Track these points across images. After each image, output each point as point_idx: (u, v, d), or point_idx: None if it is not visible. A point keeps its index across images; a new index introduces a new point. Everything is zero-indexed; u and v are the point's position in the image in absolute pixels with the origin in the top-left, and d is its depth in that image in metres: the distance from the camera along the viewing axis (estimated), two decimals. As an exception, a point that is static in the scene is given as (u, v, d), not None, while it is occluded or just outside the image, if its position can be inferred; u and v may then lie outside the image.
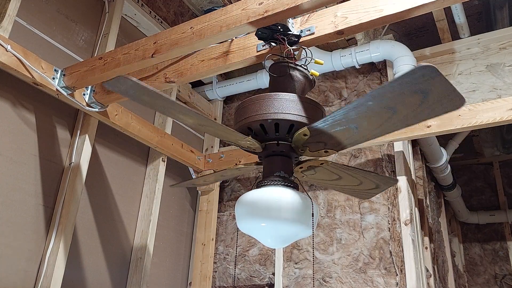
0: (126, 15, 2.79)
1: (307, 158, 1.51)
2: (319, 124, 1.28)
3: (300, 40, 1.65)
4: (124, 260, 2.54)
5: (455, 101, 1.07)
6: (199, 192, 3.20)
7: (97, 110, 2.26)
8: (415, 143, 3.14)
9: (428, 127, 2.33)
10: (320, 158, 1.51)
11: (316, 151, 1.44)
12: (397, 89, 1.07)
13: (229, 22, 1.60)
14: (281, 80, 1.55)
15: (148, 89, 1.16)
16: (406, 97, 1.10)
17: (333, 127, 1.27)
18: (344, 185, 1.74)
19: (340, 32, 1.59)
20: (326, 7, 1.62)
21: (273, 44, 1.69)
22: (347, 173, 1.64)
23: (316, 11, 1.64)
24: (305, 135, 1.35)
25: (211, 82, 3.44)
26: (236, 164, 2.94)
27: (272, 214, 1.34)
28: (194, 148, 3.07)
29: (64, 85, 2.10)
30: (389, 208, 2.61)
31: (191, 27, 1.72)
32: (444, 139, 3.56)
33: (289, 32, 1.62)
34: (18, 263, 1.96)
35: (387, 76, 2.90)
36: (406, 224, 2.49)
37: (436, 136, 3.05)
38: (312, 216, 1.38)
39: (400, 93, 1.08)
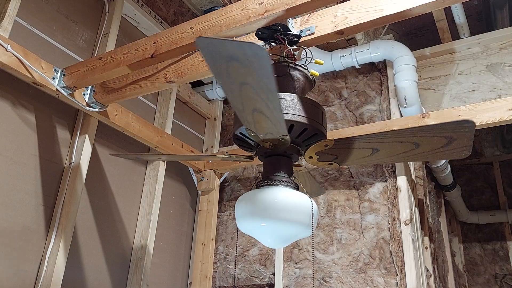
0: (126, 15, 2.79)
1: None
2: (349, 140, 1.28)
3: (300, 40, 1.65)
4: (124, 260, 2.54)
5: (466, 151, 1.17)
6: (199, 192, 3.20)
7: (97, 110, 2.26)
8: (415, 143, 3.13)
9: (428, 127, 2.33)
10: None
11: (322, 161, 1.44)
12: (434, 131, 1.13)
13: (229, 22, 1.60)
14: (281, 80, 1.55)
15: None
16: (435, 139, 1.14)
17: (357, 145, 1.28)
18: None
19: (340, 32, 1.59)
20: (326, 7, 1.62)
21: (273, 44, 1.69)
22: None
23: (316, 11, 1.64)
24: (326, 145, 1.34)
25: (211, 82, 3.44)
26: (238, 157, 2.94)
27: (272, 214, 1.34)
28: (194, 148, 3.07)
29: (64, 85, 2.10)
30: (389, 208, 2.61)
31: (191, 27, 1.72)
32: (444, 139, 3.55)
33: (289, 32, 1.62)
34: (18, 263, 1.96)
35: (387, 76, 2.90)
36: (406, 224, 2.49)
37: (436, 136, 3.05)
38: (312, 216, 1.38)
39: (434, 135, 1.14)
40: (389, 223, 2.57)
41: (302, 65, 1.58)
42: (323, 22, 1.62)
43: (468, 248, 4.95)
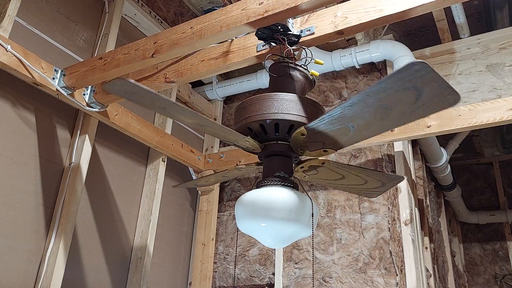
0: (126, 15, 2.79)
1: (308, 158, 1.51)
2: (315, 123, 1.27)
3: (300, 40, 1.65)
4: (124, 260, 2.54)
5: (451, 97, 1.06)
6: (199, 192, 3.20)
7: (97, 110, 2.26)
8: (415, 143, 3.14)
9: (428, 127, 2.33)
10: (320, 158, 1.51)
11: (315, 150, 1.44)
12: (390, 86, 1.06)
13: (229, 22, 1.60)
14: (281, 80, 1.55)
15: (146, 90, 1.17)
16: (400, 94, 1.09)
17: (329, 126, 1.27)
18: (348, 184, 1.73)
19: (340, 32, 1.59)
20: (326, 7, 1.62)
21: (273, 44, 1.69)
22: (350, 172, 1.63)
23: (316, 11, 1.64)
24: (302, 134, 1.35)
25: (211, 82, 3.44)
26: (236, 164, 2.94)
27: (272, 214, 1.34)
28: (194, 148, 3.07)
29: (64, 85, 2.10)
30: (389, 208, 2.61)
31: (191, 27, 1.72)
32: (444, 139, 3.56)
33: (289, 32, 1.62)
34: (18, 263, 1.96)
35: (387, 76, 2.90)
36: (406, 224, 2.49)
37: (436, 136, 3.05)
38: (312, 216, 1.38)
39: (394, 90, 1.07)
40: (389, 223, 2.57)
41: (302, 65, 1.58)
42: (323, 22, 1.62)
43: (468, 248, 4.95)
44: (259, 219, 1.35)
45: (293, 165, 1.55)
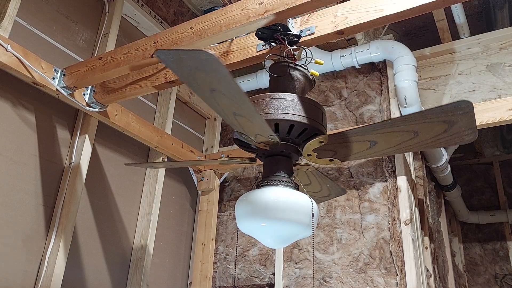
0: (126, 15, 2.79)
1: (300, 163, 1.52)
2: (344, 134, 1.27)
3: (300, 40, 1.65)
4: (124, 260, 2.54)
5: (470, 135, 1.12)
6: (199, 192, 3.20)
7: (97, 110, 2.26)
8: (415, 143, 3.13)
9: (428, 127, 2.33)
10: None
11: (323, 158, 1.44)
12: (430, 116, 1.10)
13: (229, 22, 1.60)
14: (281, 80, 1.55)
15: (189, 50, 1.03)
16: (434, 125, 1.12)
17: (353, 139, 1.27)
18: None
19: (340, 32, 1.59)
20: (326, 7, 1.62)
21: (273, 44, 1.69)
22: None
23: (316, 11, 1.64)
24: (321, 142, 1.34)
25: (211, 82, 3.43)
26: (228, 156, 2.94)
27: (272, 214, 1.34)
28: (194, 148, 3.07)
29: (64, 85, 2.10)
30: (389, 208, 2.61)
31: (191, 27, 1.72)
32: (444, 139, 3.55)
33: (289, 32, 1.62)
34: (18, 263, 1.96)
35: (387, 76, 2.90)
36: (406, 224, 2.49)
37: (436, 136, 3.04)
38: (312, 216, 1.38)
39: (431, 121, 1.10)
40: (389, 223, 2.57)
41: (302, 65, 1.58)
42: (323, 22, 1.62)
43: (468, 248, 4.95)
44: (259, 219, 1.35)
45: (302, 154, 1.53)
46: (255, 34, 1.66)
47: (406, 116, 1.13)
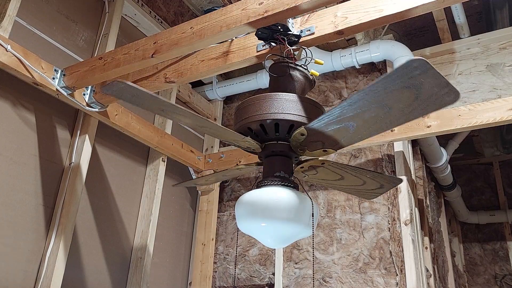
0: (126, 15, 2.79)
1: (308, 158, 1.51)
2: (315, 123, 1.27)
3: (300, 40, 1.65)
4: (124, 260, 2.54)
5: (450, 95, 1.05)
6: (199, 192, 3.20)
7: (97, 110, 2.26)
8: (415, 143, 3.14)
9: (428, 127, 2.33)
10: (321, 158, 1.51)
11: (315, 150, 1.44)
12: (390, 85, 1.06)
13: (229, 22, 1.60)
14: (281, 80, 1.55)
15: (144, 92, 1.17)
16: (400, 93, 1.08)
17: (329, 125, 1.27)
18: (347, 185, 1.73)
19: (340, 32, 1.59)
20: (326, 7, 1.62)
21: (273, 44, 1.69)
22: (350, 173, 1.62)
23: (316, 11, 1.64)
24: (302, 134, 1.35)
25: (211, 82, 3.44)
26: (236, 164, 2.94)
27: (272, 214, 1.34)
28: (194, 148, 3.07)
29: (64, 85, 2.10)
30: (389, 208, 2.61)
31: (191, 27, 1.72)
32: (444, 139, 3.56)
33: (289, 32, 1.62)
34: (18, 263, 1.96)
35: (387, 76, 2.90)
36: (406, 224, 2.49)
37: (436, 136, 3.05)
38: (312, 216, 1.38)
39: (393, 89, 1.07)
40: (389, 223, 2.57)
41: (302, 65, 1.58)
42: (323, 22, 1.62)
43: (468, 248, 4.95)
44: (259, 219, 1.35)
45: (293, 165, 1.55)
46: (255, 34, 1.66)
47: (367, 88, 1.06)
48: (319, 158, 1.52)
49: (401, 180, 1.74)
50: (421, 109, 1.13)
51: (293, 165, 1.54)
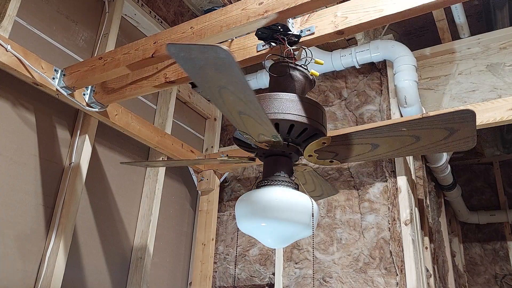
0: (126, 15, 2.79)
1: (305, 150, 1.48)
2: (347, 136, 1.27)
3: (300, 40, 1.65)
4: (124, 260, 2.54)
5: (470, 142, 1.13)
6: (199, 192, 3.20)
7: (97, 110, 2.26)
8: (415, 143, 3.13)
9: (428, 127, 2.33)
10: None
11: (323, 159, 1.44)
12: (431, 123, 1.10)
13: (229, 22, 1.60)
14: (281, 80, 1.55)
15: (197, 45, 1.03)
16: (436, 131, 1.12)
17: (355, 141, 1.27)
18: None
19: (340, 32, 1.59)
20: (326, 7, 1.62)
21: (273, 44, 1.69)
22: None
23: (316, 11, 1.64)
24: (324, 143, 1.34)
25: (211, 82, 3.43)
26: (227, 155, 2.94)
27: (272, 214, 1.34)
28: (194, 148, 3.07)
29: (64, 85, 2.10)
30: (389, 208, 2.61)
31: (191, 27, 1.72)
32: (444, 139, 3.56)
33: (289, 32, 1.62)
34: (18, 263, 1.96)
35: (387, 76, 2.90)
36: (406, 224, 2.49)
37: (436, 136, 3.04)
38: (312, 216, 1.38)
39: (433, 127, 1.11)
40: (389, 223, 2.57)
41: (302, 65, 1.58)
42: (323, 22, 1.62)
43: (468, 248, 4.95)
44: (259, 219, 1.35)
45: (302, 154, 1.52)
46: (255, 34, 1.66)
47: (410, 120, 1.13)
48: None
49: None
50: (443, 148, 1.20)
51: (298, 158, 1.54)
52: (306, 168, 1.55)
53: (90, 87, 2.26)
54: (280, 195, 1.36)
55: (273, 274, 2.82)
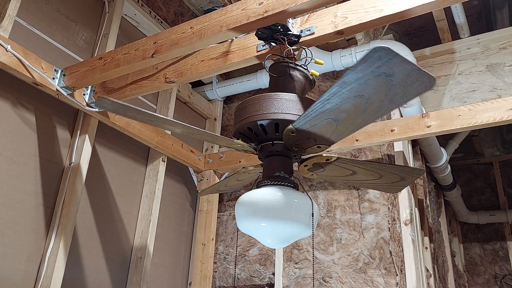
0: (126, 15, 2.79)
1: (310, 155, 1.50)
2: (301, 120, 1.27)
3: (300, 40, 1.65)
4: (124, 260, 2.54)
5: (426, 80, 1.04)
6: (199, 192, 3.20)
7: (97, 110, 2.26)
8: (415, 143, 3.14)
9: (428, 127, 2.33)
10: (325, 155, 1.50)
11: (309, 147, 1.43)
12: (361, 75, 1.05)
13: (229, 22, 1.60)
14: (281, 80, 1.55)
15: (127, 106, 1.21)
16: (373, 83, 1.07)
17: (314, 121, 1.26)
18: (361, 180, 1.70)
19: (340, 32, 1.59)
20: (326, 7, 1.62)
21: (273, 44, 1.69)
22: (362, 168, 1.60)
23: (316, 11, 1.64)
24: (292, 132, 1.34)
25: (211, 82, 3.44)
26: (241, 168, 2.94)
27: (272, 214, 1.34)
28: (194, 148, 3.07)
29: (64, 85, 2.10)
30: (389, 208, 2.61)
31: (191, 27, 1.72)
32: (444, 139, 3.56)
33: (289, 32, 1.62)
34: (18, 263, 1.96)
35: (387, 76, 2.90)
36: (406, 224, 2.49)
37: (436, 136, 3.05)
38: (312, 216, 1.38)
39: (366, 79, 1.06)
40: (389, 223, 2.57)
41: (302, 65, 1.58)
42: (323, 22, 1.62)
43: (468, 248, 4.95)
44: (259, 219, 1.35)
45: (296, 164, 1.55)
46: (255, 34, 1.66)
47: (340, 81, 1.09)
48: (323, 155, 1.51)
49: (423, 171, 1.70)
50: (400, 97, 1.11)
51: (294, 164, 1.54)
52: (329, 159, 1.53)
53: (90, 87, 2.26)
54: (280, 195, 1.36)
55: (273, 274, 2.82)
